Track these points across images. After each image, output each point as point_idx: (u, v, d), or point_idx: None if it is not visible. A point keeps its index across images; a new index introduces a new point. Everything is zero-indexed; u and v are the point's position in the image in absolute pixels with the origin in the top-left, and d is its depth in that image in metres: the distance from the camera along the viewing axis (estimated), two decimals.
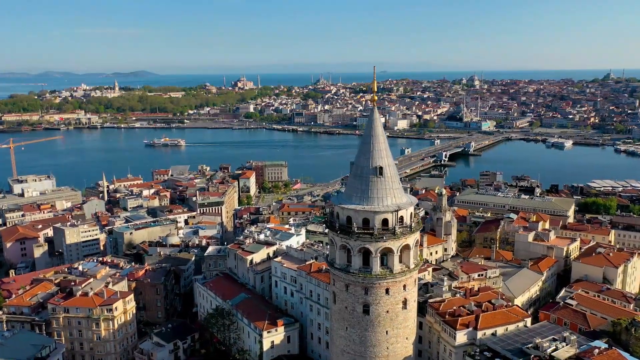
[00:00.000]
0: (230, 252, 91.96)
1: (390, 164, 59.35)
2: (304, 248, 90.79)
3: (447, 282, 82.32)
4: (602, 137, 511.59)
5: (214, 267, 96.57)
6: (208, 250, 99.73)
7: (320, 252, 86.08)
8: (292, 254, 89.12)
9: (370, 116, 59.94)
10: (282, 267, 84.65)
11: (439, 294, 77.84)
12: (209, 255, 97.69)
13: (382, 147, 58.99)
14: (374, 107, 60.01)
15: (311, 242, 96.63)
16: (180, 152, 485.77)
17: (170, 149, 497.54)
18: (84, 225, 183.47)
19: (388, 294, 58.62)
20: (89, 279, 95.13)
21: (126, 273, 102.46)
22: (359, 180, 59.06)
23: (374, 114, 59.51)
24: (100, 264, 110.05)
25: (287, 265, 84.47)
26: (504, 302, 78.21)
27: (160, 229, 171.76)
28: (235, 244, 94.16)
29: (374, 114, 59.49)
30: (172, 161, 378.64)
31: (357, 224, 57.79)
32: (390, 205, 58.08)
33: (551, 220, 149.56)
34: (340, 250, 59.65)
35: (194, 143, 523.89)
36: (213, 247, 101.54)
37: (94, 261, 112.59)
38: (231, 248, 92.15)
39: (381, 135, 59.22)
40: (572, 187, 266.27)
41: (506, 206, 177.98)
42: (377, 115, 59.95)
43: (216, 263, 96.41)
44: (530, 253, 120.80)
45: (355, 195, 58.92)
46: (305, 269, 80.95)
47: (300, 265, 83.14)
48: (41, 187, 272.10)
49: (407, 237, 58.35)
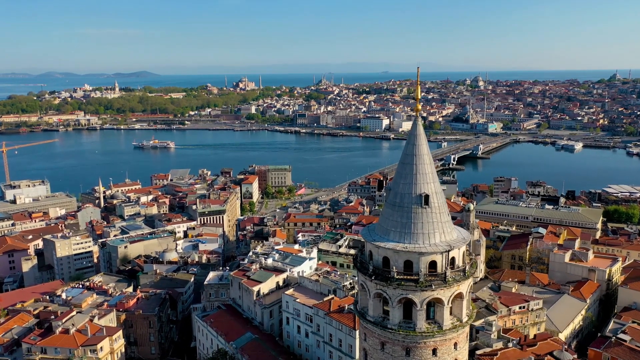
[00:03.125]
0: (234, 281, 79.80)
1: (438, 191, 46.98)
2: (319, 277, 78.39)
3: (495, 326, 69.59)
4: (612, 140, 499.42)
5: (214, 298, 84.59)
6: (208, 278, 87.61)
7: (338, 284, 73.78)
8: (305, 284, 76.73)
9: (413, 130, 47.48)
10: (295, 302, 72.11)
11: (488, 343, 65.31)
12: (210, 284, 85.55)
13: (427, 169, 46.63)
14: (416, 117, 47.53)
15: (327, 269, 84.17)
16: (170, 154, 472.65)
17: (159, 152, 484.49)
18: (76, 237, 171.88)
19: (435, 355, 46.44)
20: (72, 311, 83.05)
21: (115, 302, 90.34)
22: (398, 211, 46.62)
23: (417, 127, 47.10)
24: (86, 289, 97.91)
25: (301, 300, 71.76)
26: (570, 355, 65.60)
27: (157, 241, 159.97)
28: (240, 270, 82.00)
29: (417, 128, 47.09)
30: (172, 164, 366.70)
31: (397, 267, 45.44)
32: (439, 243, 45.70)
33: (581, 235, 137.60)
34: (374, 299, 47.39)
35: (184, 145, 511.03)
36: (214, 274, 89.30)
37: (79, 286, 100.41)
38: (235, 276, 79.96)
39: (426, 154, 46.86)
40: (589, 194, 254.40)
41: (529, 217, 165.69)
42: (421, 129, 47.63)
43: (217, 293, 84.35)
44: (567, 275, 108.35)
45: (393, 231, 46.50)
46: (323, 307, 68.27)
47: (317, 301, 70.40)
48: (35, 193, 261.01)
49: (460, 284, 46.10)
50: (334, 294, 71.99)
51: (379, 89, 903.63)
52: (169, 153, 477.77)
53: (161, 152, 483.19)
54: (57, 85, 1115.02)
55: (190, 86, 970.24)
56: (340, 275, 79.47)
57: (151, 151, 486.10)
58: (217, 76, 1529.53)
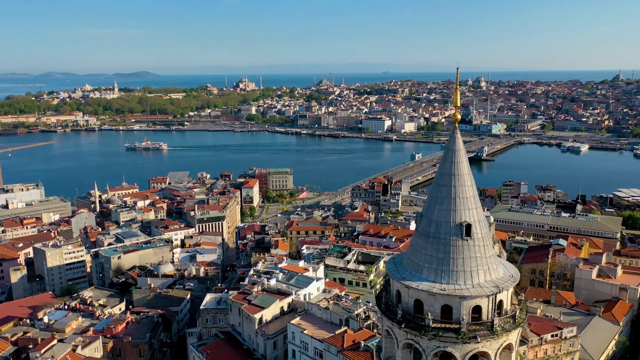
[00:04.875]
0: (234, 306, 71.51)
1: (481, 219, 38.62)
2: (328, 302, 69.97)
3: None
4: (618, 141, 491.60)
5: (212, 324, 76.35)
6: (205, 301, 79.27)
7: (351, 312, 65.42)
8: (313, 312, 68.36)
9: (451, 144, 38.93)
10: (303, 333, 63.67)
11: None
12: (207, 308, 77.26)
13: (468, 192, 38.24)
14: (455, 129, 39.06)
15: (336, 291, 75.71)
16: (162, 156, 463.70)
17: (152, 153, 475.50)
18: (68, 246, 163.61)
19: None
20: (53, 338, 74.81)
21: (102, 327, 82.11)
22: (433, 243, 38.23)
23: (455, 141, 38.61)
24: (71, 311, 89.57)
25: (309, 332, 63.13)
26: None
27: (153, 251, 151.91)
28: (240, 293, 73.74)
29: (456, 142, 38.60)
30: (171, 166, 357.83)
31: (433, 313, 37.09)
32: (485, 284, 37.36)
33: (604, 246, 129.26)
34: (403, 349, 39.16)
35: (177, 147, 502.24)
36: (211, 297, 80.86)
37: (65, 307, 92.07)
38: (234, 300, 71.66)
39: (467, 174, 38.47)
40: (600, 198, 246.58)
41: (545, 226, 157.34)
42: (461, 143, 39.24)
43: (215, 318, 76.08)
44: (594, 293, 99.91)
45: (427, 267, 38.15)
46: (335, 343, 59.58)
47: (328, 333, 61.81)
48: (28, 198, 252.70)
49: (510, 334, 37.85)
50: (347, 324, 63.61)
51: (380, 90, 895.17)
52: (162, 155, 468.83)
53: (154, 153, 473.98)
54: (57, 86, 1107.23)
55: (190, 86, 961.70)
56: (352, 301, 71.07)
57: (143, 153, 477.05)
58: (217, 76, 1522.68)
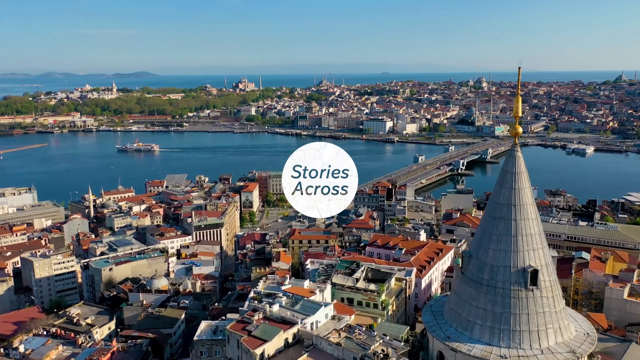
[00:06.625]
0: (232, 337, 63.00)
1: (549, 262, 30.18)
2: (339, 334, 61.52)
3: None
4: (624, 143, 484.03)
5: (207, 357, 67.94)
6: (200, 331, 70.63)
7: (367, 349, 56.99)
8: (323, 347, 59.95)
9: (509, 166, 30.49)
10: None
11: None
12: (201, 340, 68.65)
13: (533, 228, 29.75)
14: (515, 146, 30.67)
15: (347, 320, 67.23)
16: (154, 157, 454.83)
17: (143, 155, 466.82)
18: (58, 256, 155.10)
19: None
20: None
21: (84, 358, 73.78)
22: (487, 293, 29.76)
23: (516, 162, 30.17)
24: (51, 338, 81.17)
25: None
26: None
27: (147, 262, 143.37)
28: (239, 322, 65.32)
29: (517, 163, 30.15)
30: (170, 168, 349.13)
31: None
32: (557, 348, 28.98)
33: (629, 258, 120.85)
34: None
35: (169, 149, 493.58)
36: (206, 325, 72.16)
37: (44, 334, 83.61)
38: (233, 331, 63.14)
39: (531, 203, 30.01)
40: (612, 203, 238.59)
41: (562, 236, 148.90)
42: (523, 164, 30.79)
43: (210, 351, 67.63)
44: (626, 315, 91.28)
45: (480, 325, 29.76)
46: None
47: None
48: (20, 202, 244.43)
49: None
50: None
51: (380, 90, 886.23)
52: (153, 156, 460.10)
53: (145, 155, 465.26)
54: (57, 86, 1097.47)
55: (189, 87, 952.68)
56: (366, 332, 62.51)
57: (135, 154, 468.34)
58: (217, 77, 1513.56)
